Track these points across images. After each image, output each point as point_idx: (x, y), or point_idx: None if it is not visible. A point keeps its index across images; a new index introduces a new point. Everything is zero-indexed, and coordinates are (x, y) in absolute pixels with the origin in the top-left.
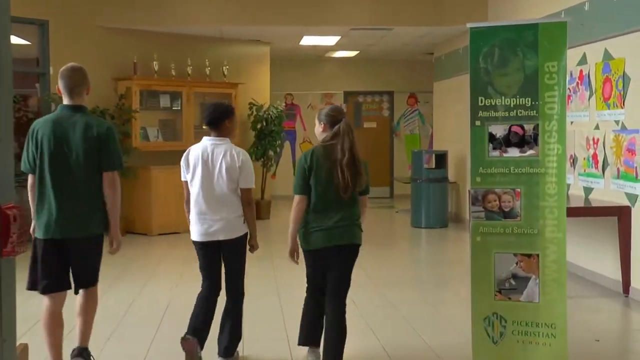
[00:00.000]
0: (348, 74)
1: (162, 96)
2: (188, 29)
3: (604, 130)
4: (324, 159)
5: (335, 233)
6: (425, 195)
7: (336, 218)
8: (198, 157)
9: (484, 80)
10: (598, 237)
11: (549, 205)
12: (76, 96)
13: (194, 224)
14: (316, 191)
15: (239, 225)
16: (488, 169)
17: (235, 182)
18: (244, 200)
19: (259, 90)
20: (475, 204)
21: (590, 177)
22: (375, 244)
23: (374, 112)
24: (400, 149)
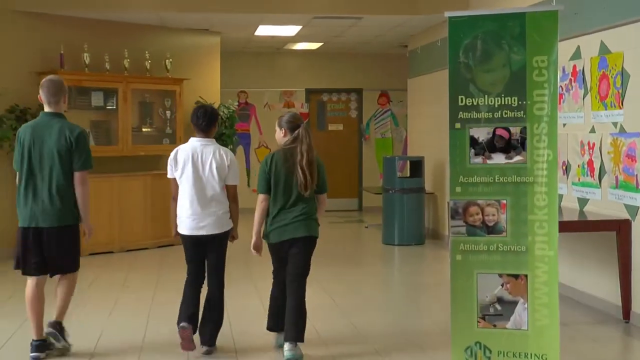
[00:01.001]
0: (310, 70)
1: (94, 93)
2: (125, 16)
3: (600, 134)
4: (283, 161)
5: (292, 227)
6: (398, 208)
7: (294, 214)
8: (188, 157)
9: (464, 76)
10: (594, 255)
11: (539, 219)
12: (54, 104)
13: (185, 218)
14: (276, 191)
15: (225, 221)
16: (469, 177)
17: (224, 180)
18: (230, 196)
19: (207, 87)
20: (455, 218)
21: (586, 187)
22: (341, 265)
23: (340, 113)
24: (370, 155)
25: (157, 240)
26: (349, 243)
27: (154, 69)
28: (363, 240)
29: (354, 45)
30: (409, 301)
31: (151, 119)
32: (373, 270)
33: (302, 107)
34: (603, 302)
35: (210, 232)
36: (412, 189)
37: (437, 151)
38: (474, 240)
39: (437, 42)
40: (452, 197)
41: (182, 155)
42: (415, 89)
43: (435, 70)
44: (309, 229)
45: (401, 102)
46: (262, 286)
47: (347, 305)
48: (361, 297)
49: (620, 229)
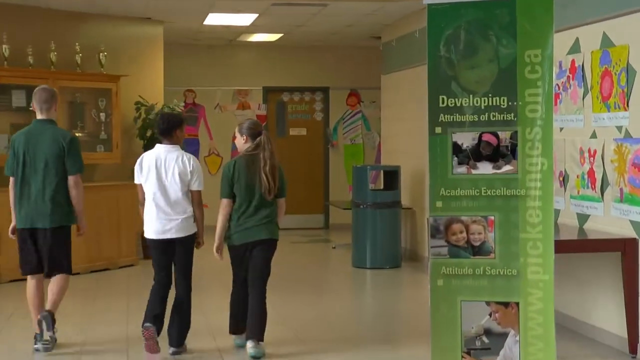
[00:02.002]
0: (269, 65)
1: (15, 92)
2: (51, 1)
3: (602, 140)
4: (246, 167)
5: (255, 230)
6: (370, 226)
7: (256, 218)
8: (152, 163)
9: (446, 73)
10: (596, 279)
11: (532, 238)
12: (45, 112)
13: (150, 222)
14: (239, 196)
15: (190, 225)
16: (452, 190)
17: (187, 186)
18: (194, 201)
19: (148, 86)
20: (435, 237)
21: (586, 201)
22: (305, 292)
23: (303, 115)
24: (337, 164)
25: (90, 264)
26: (313, 266)
27: (86, 64)
28: (330, 263)
29: (319, 36)
30: (384, 334)
31: (82, 123)
32: (341, 298)
33: (259, 108)
34: (606, 334)
35: (176, 235)
36: (386, 203)
37: (416, 160)
38: (457, 263)
39: (415, 33)
40: (432, 213)
41: (147, 161)
42: (390, 88)
43: (413, 65)
44: (271, 232)
45: (374, 102)
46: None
47: (312, 340)
48: (328, 329)
49: (626, 250)
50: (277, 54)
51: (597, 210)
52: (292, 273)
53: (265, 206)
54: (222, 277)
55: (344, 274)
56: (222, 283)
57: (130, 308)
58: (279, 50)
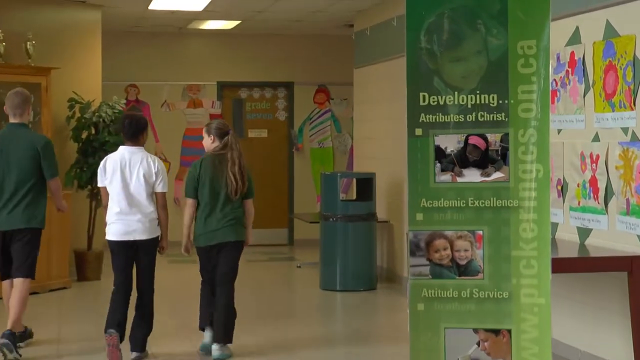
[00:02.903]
0: (224, 57)
1: None
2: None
3: (606, 143)
4: (212, 167)
5: (222, 232)
6: (341, 242)
7: (222, 219)
8: (116, 165)
9: (427, 67)
10: (600, 302)
11: (526, 256)
12: (19, 116)
13: (113, 224)
14: (204, 196)
15: (153, 227)
16: (435, 201)
17: (151, 187)
18: (159, 204)
19: (85, 80)
20: (415, 255)
21: (588, 213)
22: (266, 319)
23: (263, 115)
24: (304, 171)
25: None
26: (275, 289)
27: (11, 55)
28: (294, 285)
29: (282, 24)
30: None
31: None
32: (307, 326)
33: (213, 106)
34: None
35: (139, 237)
36: (359, 216)
37: (393, 166)
38: (440, 284)
39: (392, 21)
40: (412, 227)
41: (111, 163)
42: (364, 83)
43: (390, 57)
44: (237, 234)
45: (345, 100)
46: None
47: None
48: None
49: (633, 269)
50: (234, 44)
51: (600, 223)
52: (250, 297)
53: (231, 207)
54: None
55: (310, 298)
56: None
57: (63, 337)
58: (236, 39)
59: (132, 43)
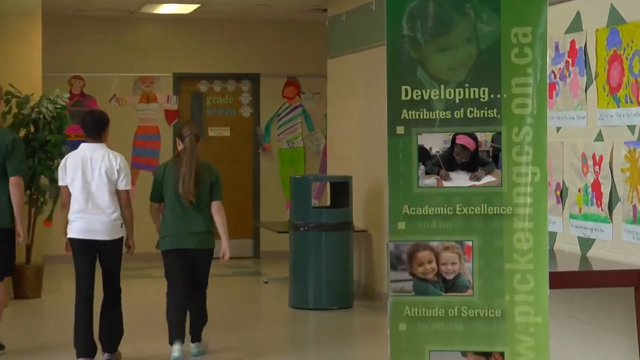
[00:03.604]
0: (181, 45)
1: None
2: None
3: (610, 143)
4: (173, 172)
5: (184, 238)
6: (314, 254)
7: (186, 224)
8: (78, 163)
9: (410, 57)
10: (604, 321)
11: (521, 269)
12: None
13: (75, 222)
14: (168, 200)
15: (116, 228)
16: (418, 208)
17: (114, 185)
18: (122, 202)
19: (21, 71)
20: (397, 268)
21: (590, 222)
22: (227, 340)
23: (225, 111)
24: (271, 174)
25: None
26: (239, 308)
27: None
28: (261, 303)
29: (246, 8)
30: None
31: None
32: (275, 350)
33: (169, 101)
34: None
35: (101, 238)
36: (334, 225)
37: (372, 168)
38: (425, 302)
39: (371, 5)
40: (393, 238)
41: (72, 162)
42: (339, 75)
43: (368, 46)
44: (201, 241)
45: (318, 94)
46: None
47: None
48: None
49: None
50: (192, 30)
51: (604, 233)
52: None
53: (195, 212)
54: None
55: (279, 317)
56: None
57: None
58: (195, 26)
59: (77, 29)
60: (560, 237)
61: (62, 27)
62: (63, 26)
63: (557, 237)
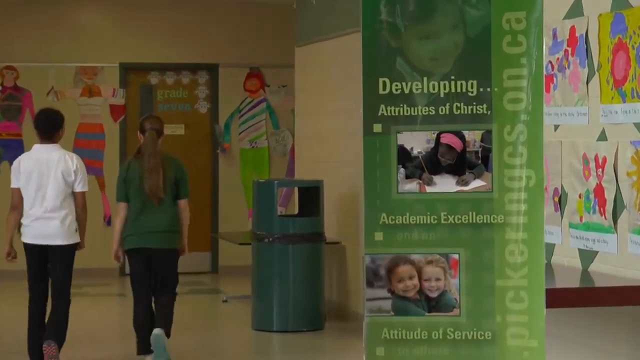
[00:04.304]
0: (128, 31)
1: None
2: None
3: (615, 142)
4: (137, 169)
5: (150, 237)
6: (280, 269)
7: (151, 223)
8: (32, 165)
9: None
10: (606, 345)
11: (514, 286)
12: None
13: (28, 226)
14: (133, 199)
15: (71, 233)
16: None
17: (70, 186)
18: (78, 204)
19: None
20: (374, 285)
21: (592, 232)
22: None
23: (180, 106)
24: (231, 178)
25: None
26: (194, 331)
27: None
28: (219, 326)
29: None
30: None
31: None
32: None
33: (115, 95)
34: None
35: (54, 243)
36: (302, 236)
37: (345, 172)
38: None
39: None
40: (370, 250)
41: (26, 163)
42: (308, 65)
43: (342, 33)
44: (167, 241)
45: (284, 87)
46: None
47: None
48: None
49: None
50: (141, 14)
51: (608, 244)
52: None
53: (160, 210)
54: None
55: (240, 341)
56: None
57: None
58: (144, 9)
59: (8, 12)
60: (558, 250)
61: None
62: None
63: (555, 249)
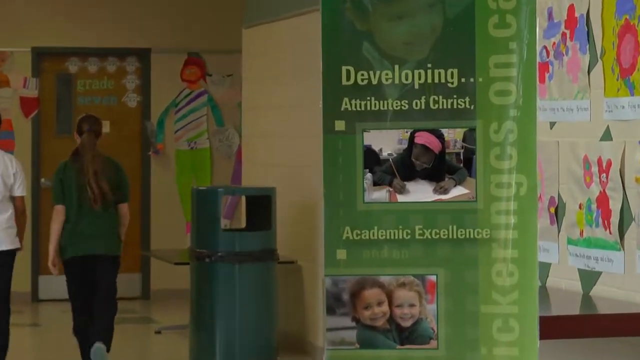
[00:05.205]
0: (42, 10)
1: None
2: None
3: (621, 143)
4: (73, 171)
5: (90, 243)
6: (224, 293)
7: (91, 229)
8: None
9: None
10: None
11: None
12: None
13: None
14: (70, 202)
15: (11, 238)
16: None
17: (9, 190)
18: (18, 208)
19: None
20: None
21: (595, 249)
22: None
23: (104, 99)
24: (165, 185)
25: None
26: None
27: None
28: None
29: None
30: None
31: None
32: None
33: (26, 85)
34: None
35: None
36: (251, 254)
37: (302, 177)
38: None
39: None
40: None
41: None
42: (258, 51)
43: (298, 12)
44: (109, 246)
45: (229, 77)
46: None
47: None
48: None
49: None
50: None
51: (613, 264)
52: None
53: (101, 215)
54: None
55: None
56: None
57: None
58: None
59: None
60: (555, 270)
61: None
62: None
63: (551, 269)
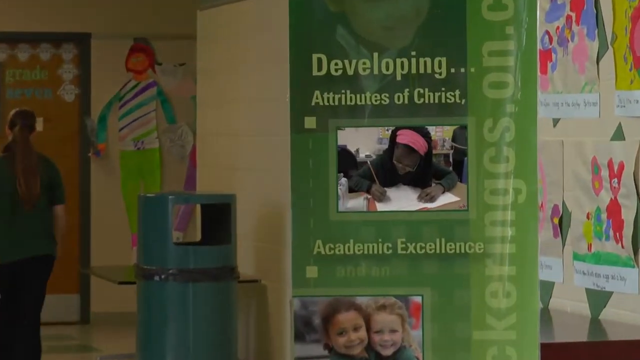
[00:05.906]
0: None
1: None
2: None
3: (635, 142)
4: (6, 169)
5: (24, 246)
6: (176, 317)
7: (24, 230)
8: None
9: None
10: None
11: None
12: None
13: None
14: (1, 202)
15: None
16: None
17: None
18: None
19: None
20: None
21: (605, 265)
22: None
23: (36, 91)
24: (108, 191)
25: None
26: None
27: None
28: None
29: None
30: None
31: None
32: None
33: None
34: None
35: None
36: (207, 271)
37: (267, 183)
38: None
39: None
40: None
41: None
42: (216, 36)
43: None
44: (45, 247)
45: (182, 66)
46: None
47: None
48: None
49: None
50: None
51: (626, 283)
52: None
53: (34, 216)
54: None
55: None
56: None
57: None
58: None
59: None
60: (559, 290)
61: None
62: None
63: (555, 289)
